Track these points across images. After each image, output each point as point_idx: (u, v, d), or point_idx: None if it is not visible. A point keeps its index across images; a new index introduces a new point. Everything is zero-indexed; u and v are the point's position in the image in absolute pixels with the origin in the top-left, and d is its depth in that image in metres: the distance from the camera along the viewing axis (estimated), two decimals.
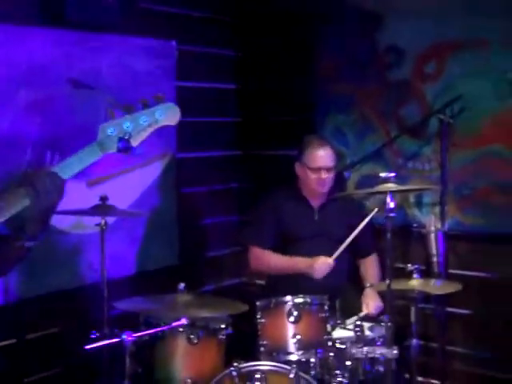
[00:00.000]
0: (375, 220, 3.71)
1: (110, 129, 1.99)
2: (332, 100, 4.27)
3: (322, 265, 3.46)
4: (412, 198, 3.99)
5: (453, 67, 3.83)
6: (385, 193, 3.03)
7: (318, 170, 3.62)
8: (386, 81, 4.08)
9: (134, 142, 2.01)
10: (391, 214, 3.01)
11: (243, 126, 4.67)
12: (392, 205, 3.01)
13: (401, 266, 3.35)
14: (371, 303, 3.46)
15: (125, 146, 2.00)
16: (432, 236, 3.83)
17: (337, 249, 3.48)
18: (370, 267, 3.79)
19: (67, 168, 1.99)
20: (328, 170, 3.64)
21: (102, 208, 3.32)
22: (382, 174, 3.11)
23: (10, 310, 3.40)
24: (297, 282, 3.47)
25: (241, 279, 4.67)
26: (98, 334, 3.10)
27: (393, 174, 3.08)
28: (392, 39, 4.03)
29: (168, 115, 2.03)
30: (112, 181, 3.86)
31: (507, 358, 3.68)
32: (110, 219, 3.42)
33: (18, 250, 2.04)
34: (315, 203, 3.74)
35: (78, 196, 3.58)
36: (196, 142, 4.38)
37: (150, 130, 2.03)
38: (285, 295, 3.11)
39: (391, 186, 3.05)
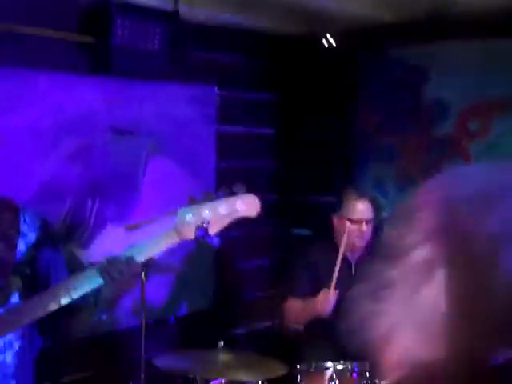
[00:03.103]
0: None
1: (188, 214, 1.94)
2: (373, 150, 4.27)
3: (325, 301, 3.38)
4: None
5: (498, 126, 3.81)
6: None
7: (360, 221, 3.62)
8: (429, 134, 4.06)
9: (212, 231, 1.96)
10: None
11: (281, 171, 4.68)
12: None
13: None
14: None
15: (203, 236, 1.97)
16: None
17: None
18: None
19: (143, 250, 1.96)
20: (367, 222, 3.63)
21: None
22: None
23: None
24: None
25: (274, 322, 4.66)
26: None
27: None
28: (437, 92, 4.01)
29: (248, 207, 1.98)
30: (150, 226, 3.86)
31: None
32: None
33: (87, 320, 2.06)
34: (352, 257, 3.72)
35: (115, 240, 3.60)
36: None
37: (229, 219, 1.97)
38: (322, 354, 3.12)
39: None
